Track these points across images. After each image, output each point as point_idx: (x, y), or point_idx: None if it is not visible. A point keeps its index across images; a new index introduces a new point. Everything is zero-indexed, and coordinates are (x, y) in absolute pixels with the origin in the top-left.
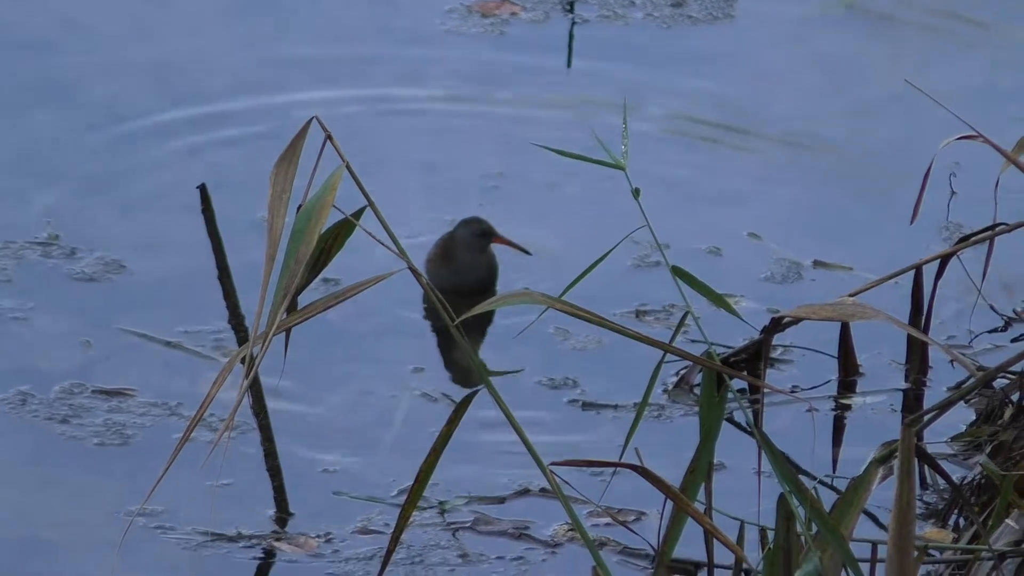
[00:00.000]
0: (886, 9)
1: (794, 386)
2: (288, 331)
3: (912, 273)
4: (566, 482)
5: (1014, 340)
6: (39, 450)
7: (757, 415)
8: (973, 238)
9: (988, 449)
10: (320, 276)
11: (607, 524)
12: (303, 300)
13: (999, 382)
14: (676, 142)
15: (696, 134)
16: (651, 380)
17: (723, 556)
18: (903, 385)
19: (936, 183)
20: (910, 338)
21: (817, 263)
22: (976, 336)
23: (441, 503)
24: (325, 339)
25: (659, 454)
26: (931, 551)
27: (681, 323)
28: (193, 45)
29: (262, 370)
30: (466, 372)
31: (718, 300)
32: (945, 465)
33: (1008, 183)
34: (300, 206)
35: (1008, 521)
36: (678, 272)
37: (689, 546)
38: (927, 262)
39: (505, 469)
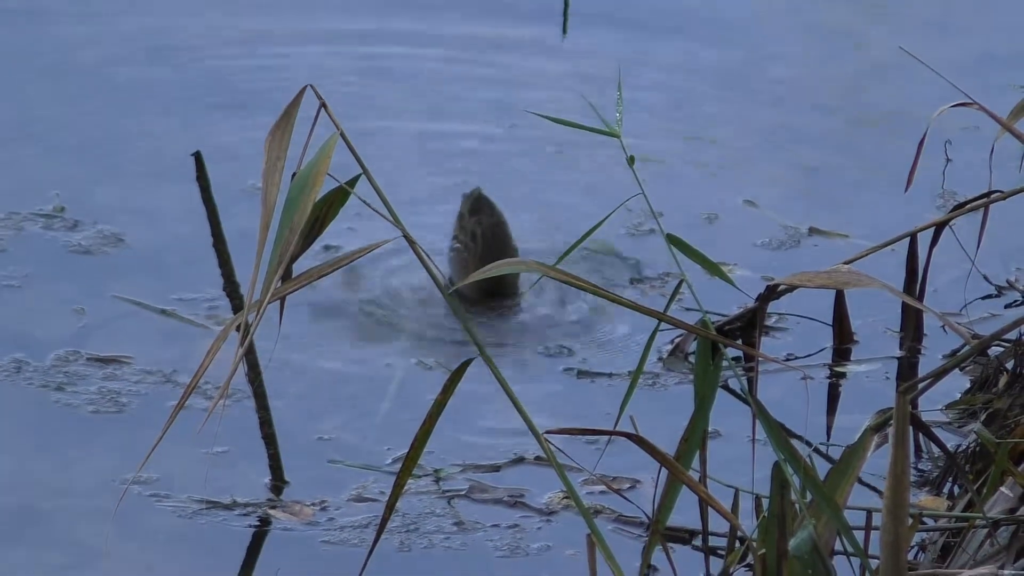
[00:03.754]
0: None
1: (789, 354)
2: (283, 299)
3: (907, 241)
4: (561, 450)
5: (1008, 307)
6: (34, 418)
7: (752, 383)
8: (968, 206)
9: (983, 417)
10: (321, 243)
11: (602, 492)
12: (299, 268)
13: (994, 350)
14: (671, 110)
15: (691, 102)
16: (646, 348)
17: (718, 524)
18: (898, 353)
19: (932, 151)
20: (905, 306)
21: (813, 230)
22: (970, 303)
23: (436, 471)
24: (321, 307)
25: (654, 422)
26: (925, 519)
27: (676, 291)
28: (182, 17)
29: (257, 337)
30: (462, 340)
31: (713, 268)
32: (940, 433)
33: (1003, 151)
34: (294, 174)
35: (1002, 489)
36: (673, 240)
37: (684, 514)
38: (922, 230)
39: (500, 437)
